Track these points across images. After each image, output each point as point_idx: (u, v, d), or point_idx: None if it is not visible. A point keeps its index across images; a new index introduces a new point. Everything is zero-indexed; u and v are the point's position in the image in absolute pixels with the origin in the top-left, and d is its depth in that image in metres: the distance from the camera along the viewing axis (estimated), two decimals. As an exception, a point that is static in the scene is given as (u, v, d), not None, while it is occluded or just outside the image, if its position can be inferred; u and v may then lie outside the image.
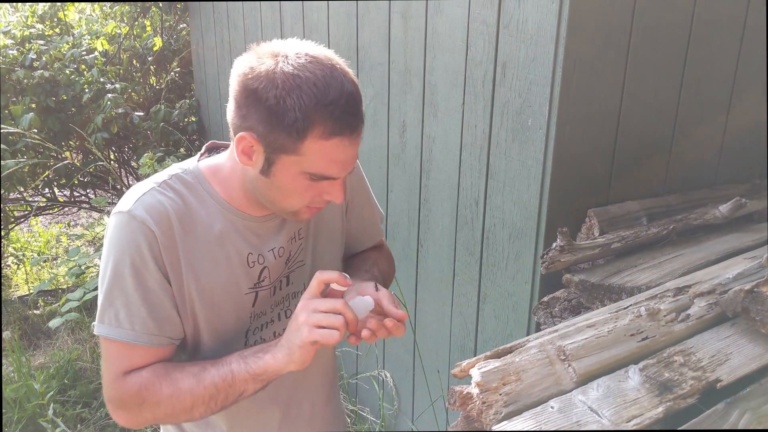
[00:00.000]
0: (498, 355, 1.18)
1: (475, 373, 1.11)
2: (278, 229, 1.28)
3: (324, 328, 1.08)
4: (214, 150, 1.31)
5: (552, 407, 1.04)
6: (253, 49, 1.12)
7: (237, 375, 1.17)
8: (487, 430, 1.03)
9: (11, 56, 4.43)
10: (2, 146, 4.00)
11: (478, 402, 1.07)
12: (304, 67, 1.06)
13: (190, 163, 1.26)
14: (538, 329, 1.69)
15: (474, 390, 1.09)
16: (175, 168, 1.24)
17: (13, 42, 4.61)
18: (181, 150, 4.81)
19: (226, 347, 1.27)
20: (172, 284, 1.18)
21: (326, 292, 1.15)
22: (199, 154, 1.29)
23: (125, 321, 1.15)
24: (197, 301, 1.20)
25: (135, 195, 1.18)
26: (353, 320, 1.10)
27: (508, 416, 1.03)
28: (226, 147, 1.30)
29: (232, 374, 1.17)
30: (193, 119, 4.86)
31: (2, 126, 3.95)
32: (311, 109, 1.05)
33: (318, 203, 1.21)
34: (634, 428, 1.00)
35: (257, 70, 1.07)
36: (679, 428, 1.03)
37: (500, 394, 1.07)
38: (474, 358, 1.17)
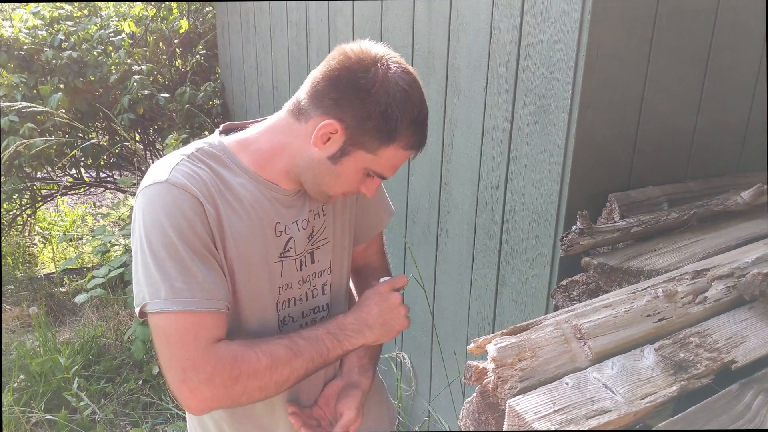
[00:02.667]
0: (514, 332, 1.19)
1: (492, 349, 1.12)
2: (303, 203, 1.30)
3: None
4: (231, 131, 1.32)
5: (567, 383, 1.05)
6: (350, 47, 1.18)
7: (331, 351, 1.23)
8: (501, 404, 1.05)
9: (40, 36, 4.51)
10: (30, 125, 4.08)
11: (493, 377, 1.09)
12: (410, 85, 1.16)
13: (213, 138, 1.27)
14: (555, 312, 1.70)
15: (490, 365, 1.11)
16: (199, 142, 1.25)
17: (42, 23, 4.68)
18: (206, 132, 4.86)
19: (263, 320, 1.28)
20: (218, 250, 1.17)
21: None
22: (217, 131, 1.30)
23: (185, 291, 1.09)
24: (237, 267, 1.20)
25: (168, 166, 1.16)
26: None
27: (523, 391, 1.05)
28: (242, 127, 1.32)
29: (327, 350, 1.22)
30: (218, 102, 4.91)
31: (31, 105, 4.02)
32: (408, 123, 1.16)
33: (352, 192, 1.29)
34: (646, 406, 1.01)
35: (371, 73, 1.13)
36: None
37: (515, 370, 1.09)
38: (491, 335, 1.19)
